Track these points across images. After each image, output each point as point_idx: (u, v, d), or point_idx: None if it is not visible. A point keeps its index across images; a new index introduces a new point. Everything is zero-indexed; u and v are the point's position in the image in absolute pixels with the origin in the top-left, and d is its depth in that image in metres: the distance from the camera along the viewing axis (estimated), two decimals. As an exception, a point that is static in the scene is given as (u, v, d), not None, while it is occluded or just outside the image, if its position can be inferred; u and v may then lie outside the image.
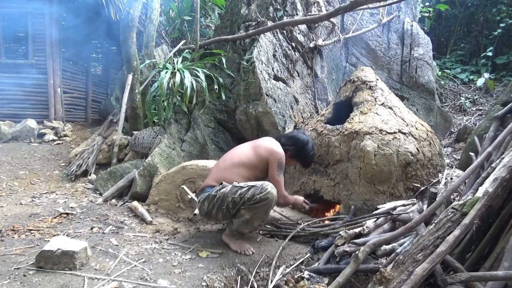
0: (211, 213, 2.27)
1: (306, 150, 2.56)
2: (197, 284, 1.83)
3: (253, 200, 2.10)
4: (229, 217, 2.27)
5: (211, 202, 2.24)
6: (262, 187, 2.11)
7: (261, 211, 2.14)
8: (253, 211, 2.13)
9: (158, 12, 5.16)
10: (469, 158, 2.83)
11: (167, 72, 4.07)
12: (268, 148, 2.40)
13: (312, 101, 4.49)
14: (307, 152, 2.58)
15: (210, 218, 2.39)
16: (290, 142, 2.55)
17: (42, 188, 3.79)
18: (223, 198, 2.19)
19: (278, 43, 4.19)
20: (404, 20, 5.60)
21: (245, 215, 2.15)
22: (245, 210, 2.14)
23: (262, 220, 2.22)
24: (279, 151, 2.39)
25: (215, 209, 2.23)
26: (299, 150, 2.55)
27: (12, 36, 7.02)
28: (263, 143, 2.46)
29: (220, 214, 2.24)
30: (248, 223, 2.18)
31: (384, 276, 1.42)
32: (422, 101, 5.47)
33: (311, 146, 2.60)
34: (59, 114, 6.53)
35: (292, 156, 2.56)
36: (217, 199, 2.21)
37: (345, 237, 2.07)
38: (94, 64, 8.97)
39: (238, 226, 2.21)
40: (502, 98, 3.08)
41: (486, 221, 1.77)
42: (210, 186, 2.34)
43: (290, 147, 2.52)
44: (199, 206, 2.37)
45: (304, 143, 2.57)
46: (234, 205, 2.16)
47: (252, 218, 2.15)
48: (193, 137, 3.97)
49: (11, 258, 1.95)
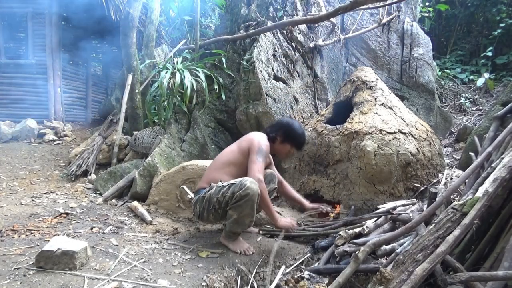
0: (203, 215, 2.27)
1: (293, 130, 2.45)
2: (197, 284, 1.83)
3: (234, 198, 2.08)
4: (220, 218, 2.27)
5: (201, 204, 2.25)
6: (241, 183, 2.07)
7: (246, 208, 2.10)
8: (238, 210, 2.11)
9: (158, 12, 5.15)
10: (469, 158, 2.83)
11: (167, 72, 4.07)
12: (248, 138, 2.36)
13: (312, 101, 4.49)
14: (296, 131, 2.45)
15: (203, 220, 2.37)
16: (275, 128, 2.48)
17: (42, 188, 3.79)
18: (209, 199, 2.19)
19: (278, 43, 4.19)
20: (404, 20, 5.60)
21: (233, 215, 2.14)
22: (231, 210, 2.14)
23: (251, 216, 2.16)
24: (259, 139, 2.32)
25: (206, 210, 2.23)
26: (287, 132, 2.44)
27: (12, 36, 7.03)
28: (247, 137, 2.41)
29: (211, 216, 2.24)
30: (238, 223, 2.17)
31: (384, 276, 1.42)
32: (422, 101, 5.47)
33: (298, 125, 2.50)
34: (59, 114, 6.53)
35: (283, 141, 2.44)
36: (205, 201, 2.22)
37: (345, 237, 2.07)
38: (94, 64, 8.97)
39: (230, 227, 2.20)
40: (502, 98, 3.08)
41: (486, 221, 1.77)
42: (202, 188, 2.34)
43: (277, 133, 2.44)
44: (193, 209, 2.37)
45: (290, 124, 2.48)
46: (219, 204, 2.15)
47: (240, 217, 2.13)
48: (193, 137, 3.97)
49: (11, 258, 1.95)
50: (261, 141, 2.31)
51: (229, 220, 2.17)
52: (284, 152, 2.51)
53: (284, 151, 2.50)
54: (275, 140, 2.44)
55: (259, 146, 2.26)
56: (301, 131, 2.48)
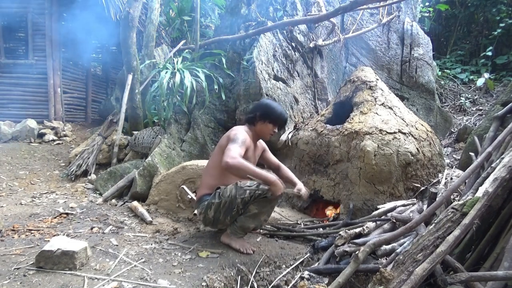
0: (218, 219, 2.25)
1: (270, 107, 2.41)
2: (197, 284, 1.83)
3: (263, 195, 2.11)
4: (236, 218, 2.26)
5: (217, 209, 2.22)
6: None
7: (268, 204, 2.18)
8: (260, 204, 2.15)
9: (158, 12, 5.16)
10: (469, 158, 2.83)
11: (167, 72, 4.07)
12: (225, 135, 2.35)
13: (312, 101, 4.49)
14: (273, 108, 2.40)
15: (217, 225, 2.35)
16: (253, 110, 2.46)
17: (42, 188, 3.79)
18: (231, 201, 2.17)
19: (278, 43, 4.19)
20: (404, 20, 5.61)
21: (253, 210, 2.16)
22: (252, 205, 2.15)
23: (268, 215, 2.25)
24: (232, 130, 2.31)
25: (223, 214, 2.21)
26: (264, 110, 2.39)
27: (12, 36, 7.02)
28: (224, 135, 2.40)
29: (229, 218, 2.23)
30: (255, 218, 2.19)
31: (384, 276, 1.42)
32: (422, 101, 5.48)
33: (275, 104, 2.48)
34: (59, 114, 6.53)
35: (261, 120, 2.39)
36: (223, 204, 2.19)
37: (345, 237, 2.07)
38: (94, 64, 8.96)
39: (243, 222, 2.20)
40: (502, 98, 3.08)
41: (486, 221, 1.77)
42: (207, 194, 2.32)
43: (255, 113, 2.41)
44: (202, 218, 2.33)
45: (266, 102, 2.48)
46: (244, 204, 2.16)
47: (259, 213, 2.17)
48: (193, 137, 3.97)
49: (11, 258, 1.95)
50: (234, 130, 2.29)
51: (246, 215, 2.18)
52: (267, 132, 2.43)
53: (266, 131, 2.42)
54: (255, 122, 2.40)
55: (233, 136, 2.22)
56: (279, 107, 2.45)
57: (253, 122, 2.41)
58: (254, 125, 2.41)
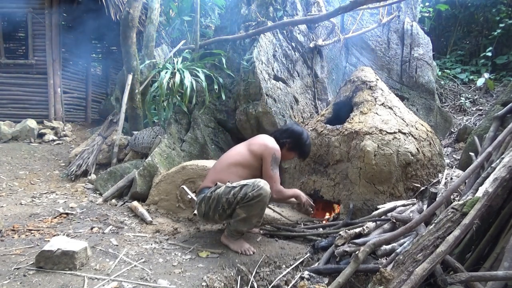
0: (208, 214, 2.27)
1: (302, 140, 2.55)
2: (197, 284, 1.83)
3: (246, 198, 2.10)
4: (225, 218, 2.27)
5: (207, 203, 2.25)
6: (254, 184, 2.12)
7: (256, 208, 2.13)
8: (248, 209, 2.13)
9: (158, 12, 5.15)
10: (469, 158, 2.83)
11: (167, 72, 4.07)
12: (261, 143, 2.39)
13: (312, 101, 4.49)
14: (303, 142, 2.55)
15: (208, 220, 2.38)
16: (285, 135, 2.54)
17: (42, 188, 3.79)
18: (218, 199, 2.19)
19: (278, 43, 4.19)
20: (404, 20, 5.60)
21: (241, 214, 2.15)
22: (240, 209, 2.14)
23: (260, 216, 2.22)
24: (273, 146, 2.38)
25: (211, 210, 2.23)
26: (296, 141, 2.54)
27: (12, 36, 7.03)
28: (257, 140, 2.45)
29: (217, 215, 2.24)
30: (245, 221, 2.18)
31: (384, 276, 1.42)
32: (422, 101, 5.47)
33: (306, 135, 2.59)
34: (59, 114, 6.53)
35: (289, 148, 2.54)
36: (212, 200, 2.21)
37: (345, 237, 2.07)
38: (94, 64, 8.97)
39: (236, 225, 2.21)
40: (502, 98, 3.08)
41: (486, 221, 1.77)
42: (207, 187, 2.35)
43: (287, 140, 2.52)
44: (197, 208, 2.37)
45: (300, 133, 2.56)
46: (229, 205, 2.16)
47: (248, 216, 2.16)
48: (193, 137, 3.97)
49: (11, 258, 1.95)
50: (275, 148, 2.39)
51: (236, 219, 2.18)
52: (288, 158, 2.64)
53: (288, 157, 2.62)
54: (283, 147, 2.50)
55: (275, 157, 2.36)
56: (309, 142, 2.61)
57: (281, 145, 2.48)
58: (280, 148, 2.46)
